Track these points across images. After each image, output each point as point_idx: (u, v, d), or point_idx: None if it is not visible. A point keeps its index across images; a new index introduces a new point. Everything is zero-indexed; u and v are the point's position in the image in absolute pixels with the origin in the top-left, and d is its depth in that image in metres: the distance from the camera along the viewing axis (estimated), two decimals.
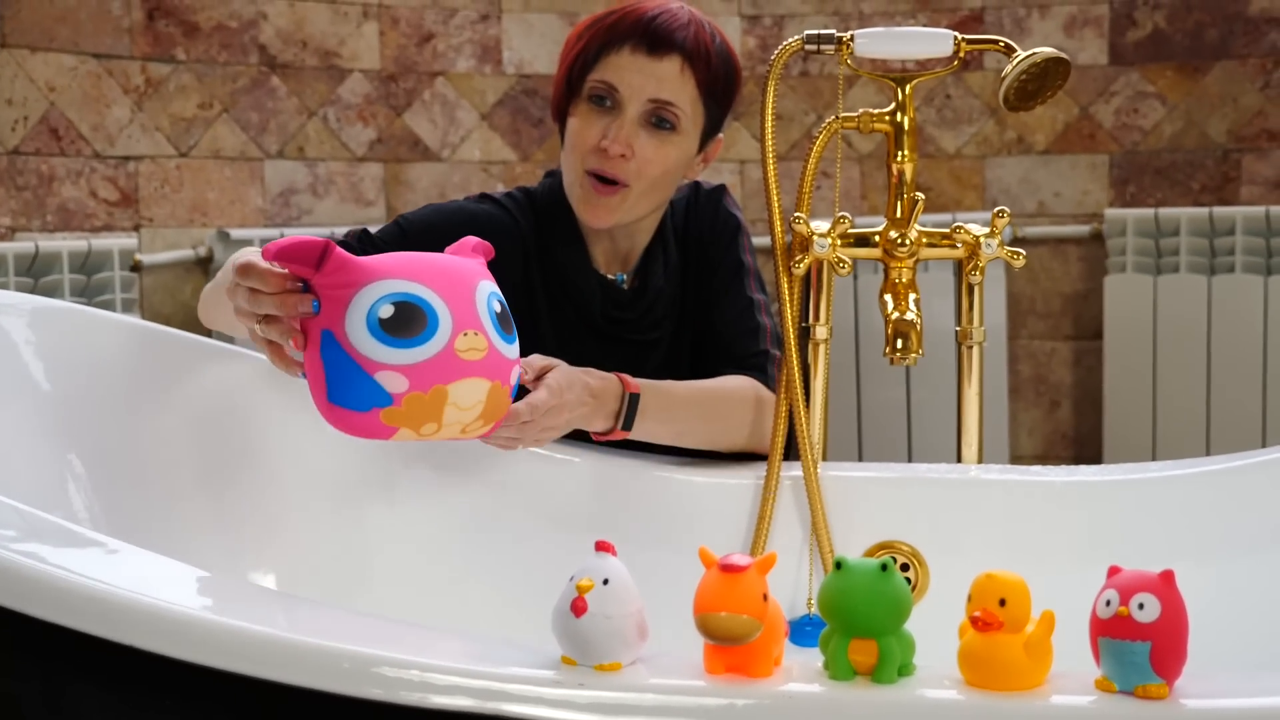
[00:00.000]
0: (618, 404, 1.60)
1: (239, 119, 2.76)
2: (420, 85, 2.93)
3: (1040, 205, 3.01)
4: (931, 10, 3.01)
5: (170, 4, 2.67)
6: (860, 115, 1.72)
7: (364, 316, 1.16)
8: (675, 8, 1.77)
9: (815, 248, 1.66)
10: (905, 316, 1.65)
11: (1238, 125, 2.89)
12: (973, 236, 1.68)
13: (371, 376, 1.16)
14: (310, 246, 1.18)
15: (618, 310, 1.81)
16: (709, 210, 1.87)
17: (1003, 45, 1.69)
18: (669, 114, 1.72)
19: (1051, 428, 3.06)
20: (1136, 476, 1.70)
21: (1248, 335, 2.78)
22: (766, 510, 1.68)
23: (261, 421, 1.66)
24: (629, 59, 1.72)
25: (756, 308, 1.80)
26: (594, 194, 1.72)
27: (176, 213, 2.69)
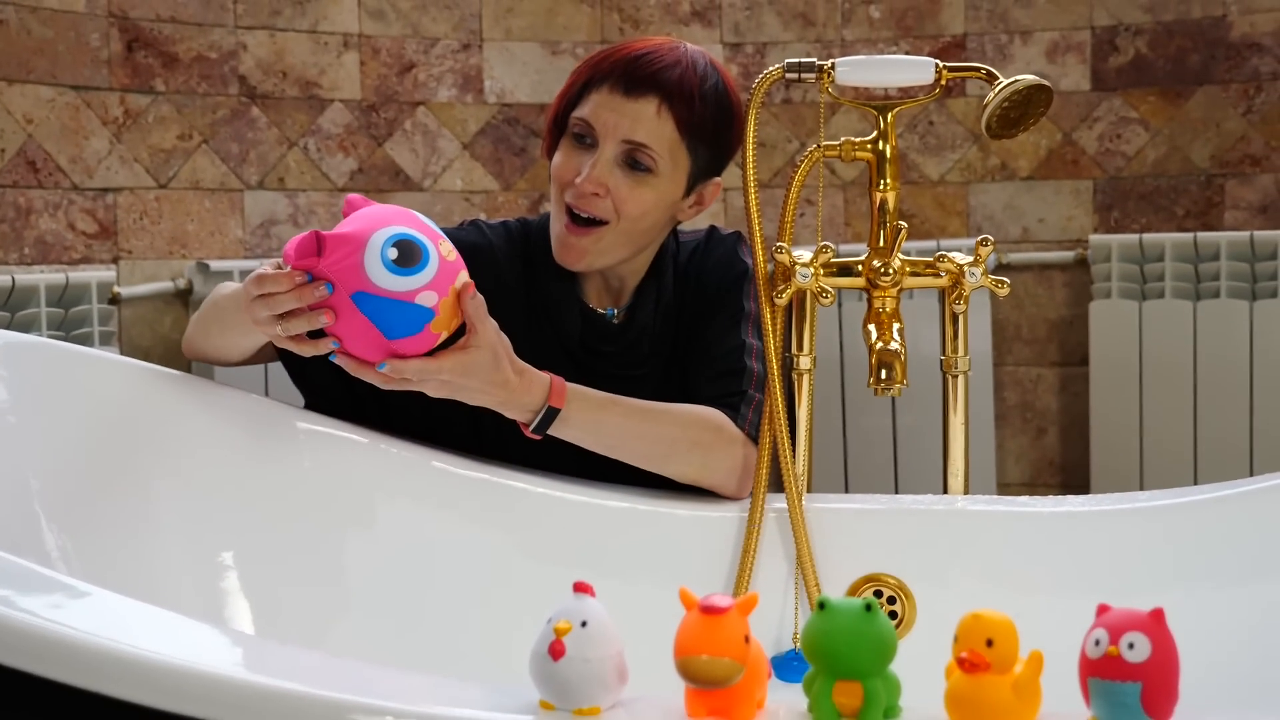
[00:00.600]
0: (537, 404, 1.58)
1: (219, 150, 2.74)
2: (401, 115, 2.91)
3: (1024, 231, 3.00)
4: (913, 37, 3.01)
5: (149, 35, 2.65)
6: (842, 144, 1.71)
7: (380, 264, 1.39)
8: (669, 47, 1.75)
9: (798, 278, 1.65)
10: (889, 346, 1.64)
11: (1221, 150, 2.88)
12: (957, 265, 1.67)
13: (413, 303, 1.41)
14: (309, 240, 1.40)
15: (600, 342, 1.80)
16: (718, 254, 1.85)
17: (984, 73, 1.68)
18: (643, 156, 1.70)
19: (1038, 455, 3.05)
20: (1124, 507, 1.69)
21: (1234, 360, 2.77)
22: (751, 544, 1.67)
23: (240, 453, 1.65)
24: (606, 98, 1.71)
25: (747, 351, 1.78)
26: (568, 234, 1.71)
27: (156, 244, 2.67)
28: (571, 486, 1.72)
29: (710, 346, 1.79)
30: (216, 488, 1.60)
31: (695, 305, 1.83)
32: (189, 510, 1.58)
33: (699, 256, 1.86)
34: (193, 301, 2.67)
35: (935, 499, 1.74)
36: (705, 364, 1.78)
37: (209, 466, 1.61)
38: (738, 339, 1.79)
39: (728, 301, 1.82)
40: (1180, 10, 2.88)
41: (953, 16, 3.00)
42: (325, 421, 1.71)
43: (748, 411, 1.73)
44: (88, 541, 1.44)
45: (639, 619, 1.50)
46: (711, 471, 1.69)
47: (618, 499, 1.71)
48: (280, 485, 1.64)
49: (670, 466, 1.68)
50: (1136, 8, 2.91)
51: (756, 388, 1.76)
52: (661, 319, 1.82)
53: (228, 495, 1.60)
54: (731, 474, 1.69)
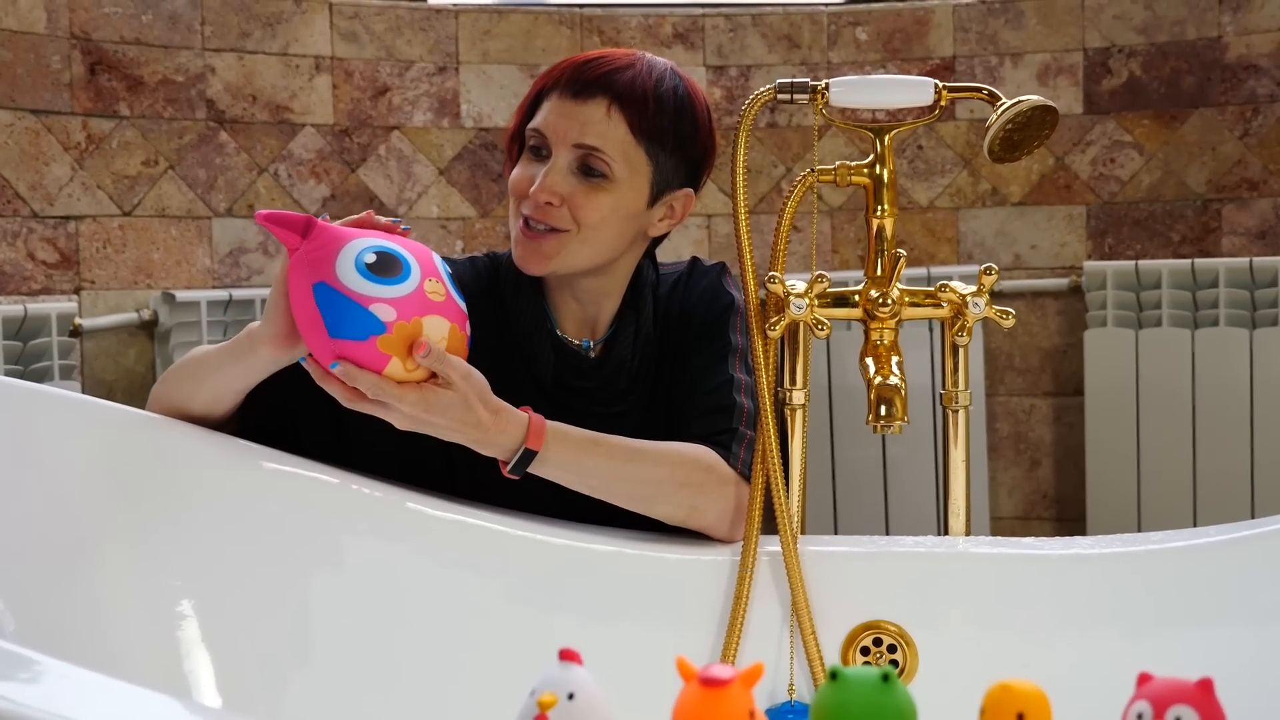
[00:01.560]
0: (513, 444, 1.50)
1: (185, 176, 2.65)
2: (375, 140, 2.83)
3: (1016, 258, 2.92)
4: (901, 60, 2.93)
5: (113, 58, 2.56)
6: (837, 168, 1.63)
7: (353, 263, 1.37)
8: (622, 53, 1.68)
9: (792, 309, 1.56)
10: (888, 381, 1.55)
11: (1217, 174, 2.81)
12: (959, 295, 1.59)
13: (367, 309, 1.36)
14: (297, 217, 1.40)
15: (575, 378, 1.71)
16: (702, 287, 1.76)
17: (986, 94, 1.61)
18: (596, 161, 1.62)
19: (1032, 487, 2.97)
20: (1136, 549, 1.60)
21: (1233, 389, 2.70)
22: (743, 590, 1.58)
23: (201, 495, 1.55)
24: (556, 104, 1.64)
25: (736, 387, 1.69)
26: (526, 239, 1.64)
27: (119, 274, 2.58)
28: (553, 529, 1.63)
29: (697, 382, 1.71)
30: (175, 533, 1.51)
31: (678, 339, 1.74)
32: (144, 558, 1.49)
33: (681, 289, 1.78)
34: (158, 334, 2.57)
35: (936, 541, 1.65)
36: (692, 400, 1.70)
37: (167, 510, 1.52)
38: (726, 374, 1.70)
39: (714, 335, 1.73)
40: (1174, 31, 2.82)
41: (941, 38, 2.92)
42: (293, 461, 1.62)
43: (739, 450, 1.65)
44: (33, 600, 1.34)
45: (626, 670, 1.43)
46: (702, 513, 1.60)
47: (603, 542, 1.62)
48: (244, 530, 1.54)
49: (657, 508, 1.60)
50: (1130, 29, 2.84)
51: (747, 424, 1.67)
52: (641, 353, 1.73)
53: (187, 541, 1.51)
54: (723, 516, 1.61)
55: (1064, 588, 1.58)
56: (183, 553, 1.51)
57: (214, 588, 1.51)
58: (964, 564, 1.62)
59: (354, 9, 2.80)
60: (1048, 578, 1.59)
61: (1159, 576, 1.57)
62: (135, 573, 1.49)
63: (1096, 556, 1.59)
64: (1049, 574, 1.59)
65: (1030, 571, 1.59)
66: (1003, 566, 1.60)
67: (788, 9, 2.96)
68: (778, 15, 2.95)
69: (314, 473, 1.61)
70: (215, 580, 1.51)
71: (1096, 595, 1.57)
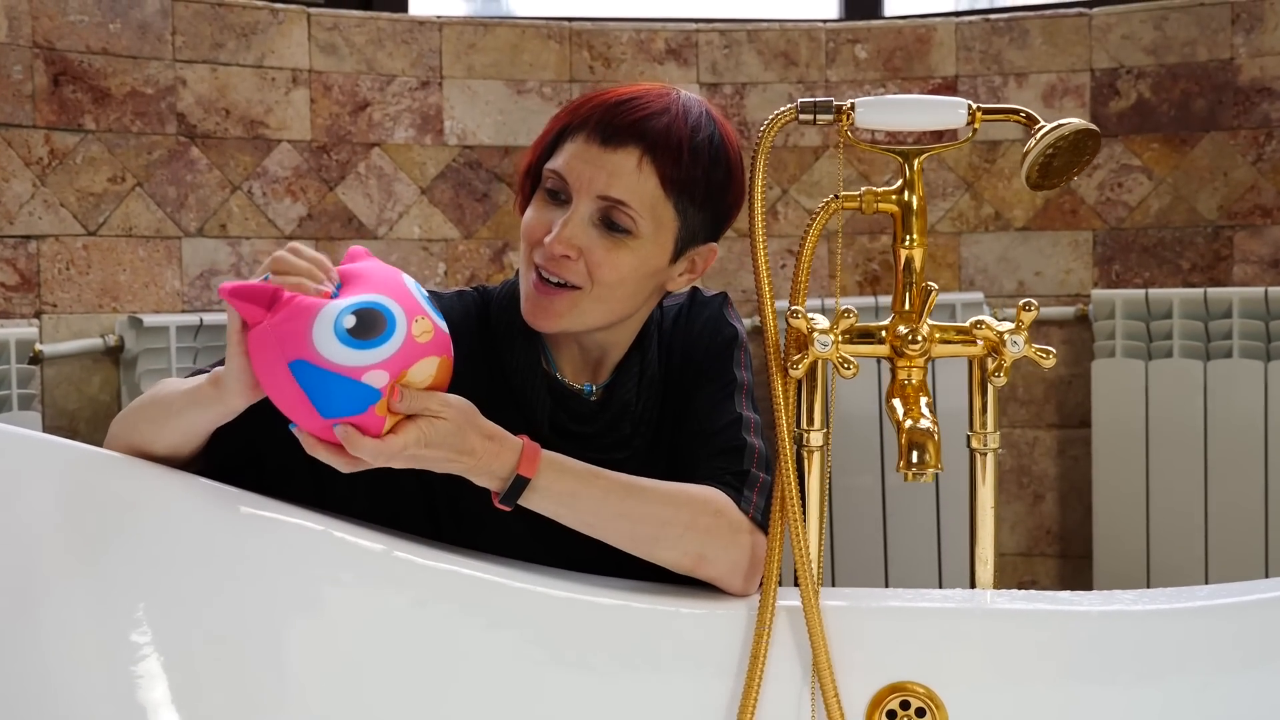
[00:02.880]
0: (506, 471, 1.40)
1: (154, 194, 2.52)
2: (354, 157, 2.70)
3: (1020, 285, 2.82)
4: (901, 78, 2.83)
5: (78, 68, 2.43)
6: (863, 194, 1.52)
7: (332, 332, 1.25)
8: (658, 93, 1.54)
9: (816, 346, 1.45)
10: (919, 425, 1.43)
11: (1229, 200, 2.72)
12: (996, 333, 1.47)
13: (359, 381, 1.26)
14: (263, 289, 1.28)
15: (575, 423, 1.59)
16: (703, 320, 1.65)
17: (1024, 115, 1.50)
18: (620, 215, 1.50)
19: (1035, 522, 2.86)
20: (1184, 605, 1.49)
21: (1247, 423, 2.60)
22: (761, 649, 1.46)
23: (169, 541, 1.43)
24: (581, 148, 1.51)
25: (745, 426, 1.57)
26: (537, 294, 1.51)
27: (83, 297, 2.44)
28: (554, 579, 1.51)
29: (703, 422, 1.59)
30: (141, 584, 1.40)
31: (682, 377, 1.63)
32: (107, 611, 1.37)
33: (683, 322, 1.67)
34: (124, 360, 2.44)
35: (965, 595, 1.54)
36: (699, 442, 1.58)
37: (133, 560, 1.40)
38: (733, 412, 1.59)
39: (717, 372, 1.62)
40: (1185, 52, 2.72)
41: (943, 57, 2.82)
42: (272, 506, 1.49)
43: (752, 494, 1.53)
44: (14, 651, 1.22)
45: None
46: (711, 562, 1.48)
47: (609, 594, 1.51)
48: (218, 581, 1.42)
49: (661, 552, 1.48)
50: (1139, 49, 2.75)
51: (760, 466, 1.56)
52: (645, 395, 1.62)
53: (154, 593, 1.40)
54: (736, 568, 1.49)
55: (1105, 646, 1.47)
56: (150, 605, 1.40)
57: (184, 643, 1.39)
58: (997, 621, 1.50)
59: (333, 20, 2.68)
60: (1088, 635, 1.48)
61: (1209, 634, 1.47)
62: (96, 627, 1.38)
63: (1140, 613, 1.48)
64: (1089, 631, 1.48)
65: (1071, 628, 1.48)
66: (1039, 623, 1.49)
67: (785, 25, 2.85)
68: (774, 31, 2.85)
69: (295, 518, 1.49)
70: (185, 635, 1.40)
71: (1140, 654, 1.47)
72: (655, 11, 3.00)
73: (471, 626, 1.49)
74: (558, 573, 1.53)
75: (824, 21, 2.89)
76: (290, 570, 1.46)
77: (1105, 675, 1.46)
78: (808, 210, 2.84)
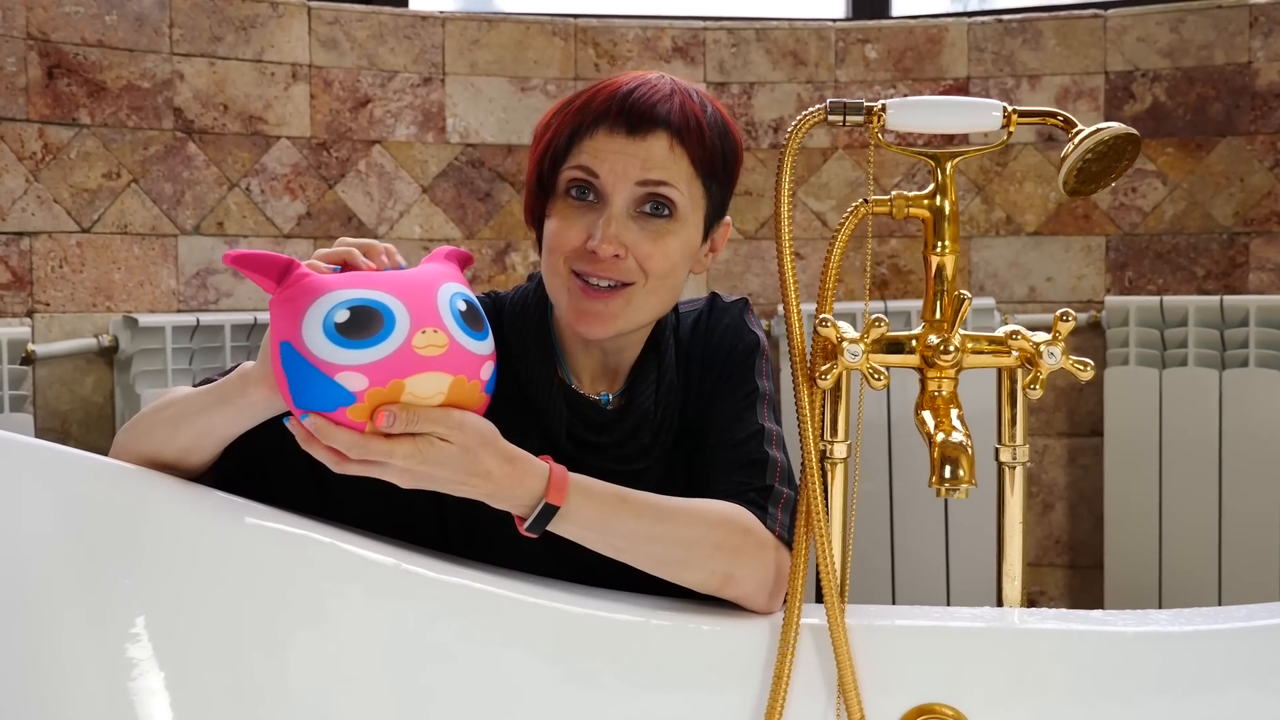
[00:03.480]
0: (532, 498, 1.33)
1: (150, 190, 2.46)
2: (355, 154, 2.64)
3: (1031, 291, 2.77)
4: (912, 79, 2.78)
5: (72, 61, 2.37)
6: (894, 199, 1.46)
7: (320, 323, 1.20)
8: (654, 78, 1.50)
9: (846, 356, 1.39)
10: (952, 439, 1.38)
11: (1245, 207, 2.67)
12: (1031, 344, 1.42)
13: (332, 379, 1.20)
14: (274, 260, 1.23)
15: (593, 433, 1.54)
16: (723, 326, 1.60)
17: (1061, 119, 1.44)
18: (664, 197, 1.45)
19: (1044, 532, 2.81)
20: (1221, 627, 1.45)
21: (1263, 434, 2.55)
22: (784, 668, 1.41)
23: (170, 551, 1.38)
24: (606, 141, 1.45)
25: (767, 438, 1.52)
26: (586, 299, 1.45)
27: (77, 296, 2.38)
28: (570, 594, 1.46)
29: (723, 434, 1.54)
30: (144, 597, 1.35)
31: (702, 385, 1.58)
32: (109, 625, 1.33)
33: (702, 328, 1.61)
34: (118, 361, 2.38)
35: (994, 614, 1.49)
36: (719, 454, 1.53)
37: (136, 572, 1.36)
38: (755, 423, 1.54)
39: (739, 381, 1.57)
40: (1201, 56, 2.68)
41: (955, 58, 2.77)
42: (279, 517, 1.44)
43: (776, 510, 1.48)
44: None
45: None
46: (738, 582, 1.43)
47: (627, 611, 1.45)
48: (223, 594, 1.37)
49: (688, 573, 1.42)
50: (1154, 52, 2.70)
51: (783, 481, 1.51)
52: (664, 403, 1.56)
53: (157, 607, 1.35)
54: (762, 586, 1.44)
55: (1140, 668, 1.43)
56: (153, 619, 1.35)
57: (186, 658, 1.34)
58: (1028, 641, 1.46)
59: (334, 14, 2.62)
60: (1123, 657, 1.43)
61: (1248, 656, 1.42)
62: (98, 642, 1.33)
63: (1177, 634, 1.43)
64: (1124, 653, 1.43)
65: (1104, 650, 1.43)
66: (1072, 644, 1.44)
67: (794, 24, 2.80)
68: (783, 30, 2.79)
69: (303, 530, 1.44)
70: (187, 650, 1.35)
71: (1177, 676, 1.42)
72: (662, 9, 2.94)
73: (483, 642, 1.43)
74: (573, 588, 1.48)
75: (833, 21, 2.84)
76: (297, 583, 1.41)
77: (1140, 698, 1.41)
78: (815, 213, 2.79)
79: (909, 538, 2.69)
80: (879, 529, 2.69)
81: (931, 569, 2.67)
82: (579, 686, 1.43)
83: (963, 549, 2.67)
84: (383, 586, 1.44)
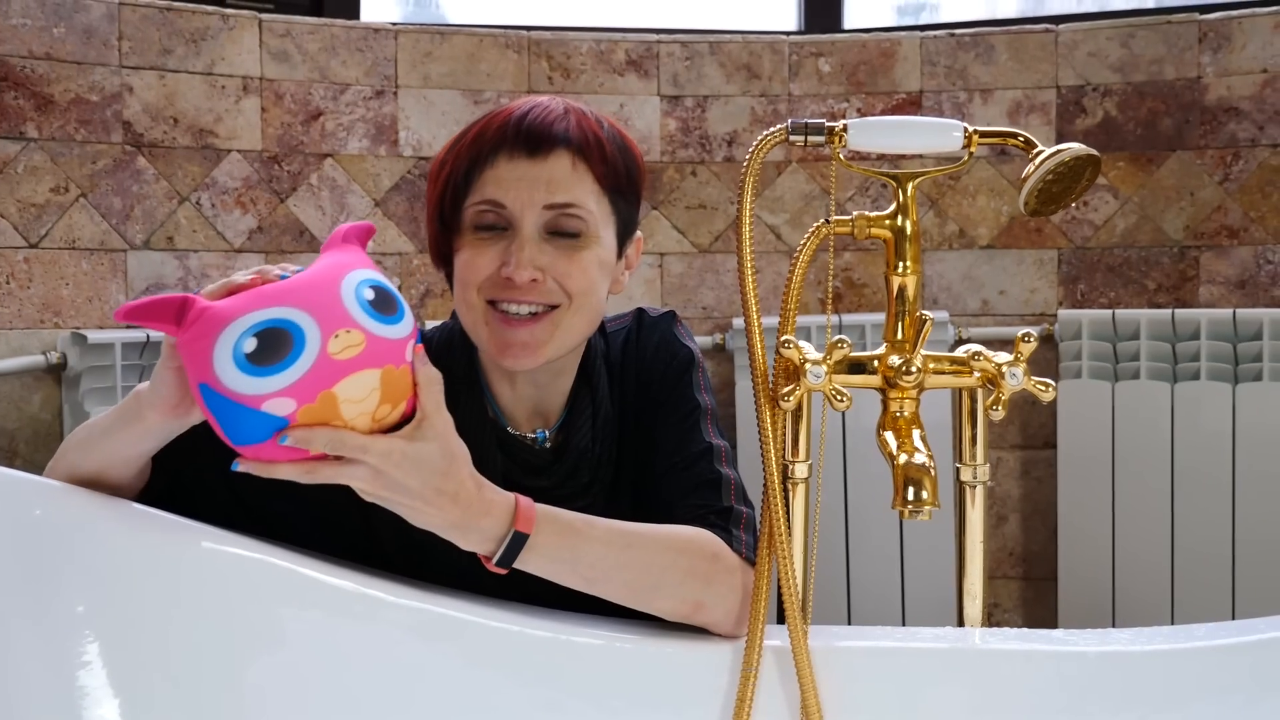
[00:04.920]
0: (500, 530, 1.31)
1: (99, 205, 2.42)
2: (306, 168, 2.62)
3: (984, 304, 2.78)
4: (865, 93, 2.79)
5: (19, 74, 2.33)
6: (855, 219, 1.46)
7: (230, 357, 1.16)
8: (546, 100, 1.48)
9: (809, 378, 1.39)
10: (915, 460, 1.38)
11: (1196, 220, 2.70)
12: (994, 365, 1.43)
13: (259, 410, 1.17)
14: (167, 303, 1.18)
15: (529, 476, 1.51)
16: (654, 344, 1.58)
17: (1022, 140, 1.45)
18: (571, 219, 1.43)
19: (998, 544, 2.82)
20: (1182, 646, 1.45)
21: (1214, 446, 2.58)
22: (747, 691, 1.40)
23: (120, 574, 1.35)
24: (508, 168, 1.43)
25: (717, 456, 1.51)
26: (508, 329, 1.43)
27: (24, 312, 2.34)
28: (535, 619, 1.45)
29: (671, 456, 1.52)
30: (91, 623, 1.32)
31: (639, 409, 1.56)
32: (58, 650, 1.29)
33: (633, 348, 1.59)
34: (67, 378, 2.34)
35: (957, 634, 1.49)
36: (671, 477, 1.51)
37: (83, 596, 1.32)
38: (702, 442, 1.53)
39: (678, 400, 1.55)
40: (1152, 70, 2.70)
41: (907, 72, 2.78)
42: (233, 540, 1.42)
43: (740, 531, 1.47)
44: None
45: None
46: (708, 609, 1.42)
47: (592, 634, 1.44)
48: (173, 617, 1.35)
49: (658, 601, 1.41)
50: (1105, 67, 2.72)
51: (739, 499, 1.50)
52: (601, 437, 1.54)
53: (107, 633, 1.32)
54: (731, 613, 1.43)
55: (1102, 687, 1.43)
56: (105, 645, 1.32)
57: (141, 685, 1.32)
58: (990, 661, 1.46)
59: (285, 26, 2.59)
60: (1085, 676, 1.44)
61: (1209, 675, 1.43)
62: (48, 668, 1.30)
63: (1138, 654, 1.44)
64: (1086, 672, 1.44)
65: (1066, 669, 1.44)
66: (1035, 664, 1.45)
67: (747, 37, 2.80)
68: (737, 44, 2.79)
69: (259, 554, 1.42)
70: (142, 676, 1.32)
71: (1138, 696, 1.42)
72: (615, 21, 2.94)
73: (446, 667, 1.42)
74: (536, 610, 1.46)
75: (787, 34, 2.84)
76: (254, 606, 1.39)
77: (1103, 717, 1.41)
78: (770, 226, 2.79)
79: (864, 552, 2.69)
80: (834, 543, 2.69)
81: (887, 584, 2.68)
82: (543, 710, 1.42)
83: (919, 564, 2.67)
84: (342, 610, 1.42)
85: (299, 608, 1.40)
